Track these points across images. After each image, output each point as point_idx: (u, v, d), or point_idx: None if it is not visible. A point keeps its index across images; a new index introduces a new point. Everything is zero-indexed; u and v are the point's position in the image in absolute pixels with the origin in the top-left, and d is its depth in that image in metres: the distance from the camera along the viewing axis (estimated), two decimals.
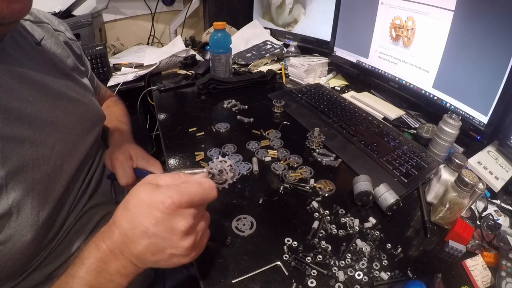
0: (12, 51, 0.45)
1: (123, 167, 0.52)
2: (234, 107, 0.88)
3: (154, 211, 0.32)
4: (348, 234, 0.49)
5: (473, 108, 0.67)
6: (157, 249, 0.33)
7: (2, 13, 0.36)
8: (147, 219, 0.32)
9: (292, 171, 0.62)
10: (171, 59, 1.14)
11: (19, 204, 0.39)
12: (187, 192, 0.33)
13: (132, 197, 0.34)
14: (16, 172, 0.40)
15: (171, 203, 0.31)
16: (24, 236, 0.39)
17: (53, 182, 0.45)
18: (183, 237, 0.33)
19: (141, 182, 0.35)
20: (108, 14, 1.38)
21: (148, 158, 0.56)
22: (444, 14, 0.69)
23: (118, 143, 0.60)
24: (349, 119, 0.80)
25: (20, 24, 0.49)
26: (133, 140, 0.65)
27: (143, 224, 0.32)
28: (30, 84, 0.45)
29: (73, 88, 0.55)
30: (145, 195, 0.33)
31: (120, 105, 0.81)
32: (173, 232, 0.32)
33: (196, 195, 0.33)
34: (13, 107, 0.41)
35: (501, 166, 0.64)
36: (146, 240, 0.32)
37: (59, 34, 0.58)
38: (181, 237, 0.33)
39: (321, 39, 1.18)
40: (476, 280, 0.43)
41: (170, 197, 0.31)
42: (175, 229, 0.32)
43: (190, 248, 0.34)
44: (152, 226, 0.31)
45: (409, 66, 0.82)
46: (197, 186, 0.34)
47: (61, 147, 0.47)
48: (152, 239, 0.32)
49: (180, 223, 0.32)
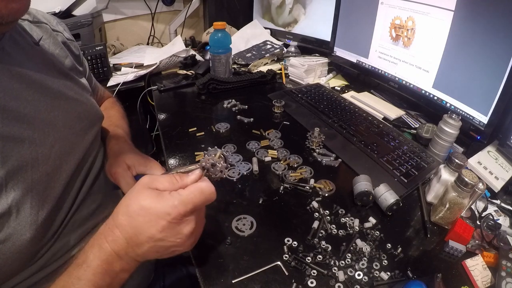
0: (11, 51, 0.45)
1: (124, 179, 0.54)
2: (234, 107, 0.88)
3: (160, 221, 0.34)
4: (348, 234, 0.49)
5: (473, 108, 0.67)
6: (162, 248, 0.36)
7: (1, 12, 0.36)
8: (154, 228, 0.34)
9: (292, 171, 0.62)
10: (171, 59, 1.14)
11: (18, 204, 0.39)
12: (191, 201, 0.35)
13: (134, 203, 0.35)
14: (16, 171, 0.40)
15: (177, 214, 0.34)
16: (23, 235, 0.39)
17: (52, 182, 0.45)
18: (187, 238, 0.36)
19: (140, 186, 0.37)
20: (108, 14, 1.38)
21: (145, 162, 0.56)
22: (444, 14, 0.69)
23: (115, 153, 0.60)
24: (349, 119, 0.80)
25: (18, 24, 0.49)
26: (130, 144, 0.64)
27: (150, 232, 0.34)
28: (29, 84, 0.45)
29: (71, 87, 0.55)
30: (149, 203, 0.35)
31: (117, 108, 0.80)
32: (178, 236, 0.36)
33: (199, 203, 0.36)
34: (12, 107, 0.41)
35: (501, 166, 0.64)
36: (152, 243, 0.35)
37: (57, 34, 0.58)
38: (185, 239, 0.36)
39: (321, 39, 1.18)
40: (476, 280, 0.43)
41: (176, 208, 0.34)
42: (180, 234, 0.36)
43: (191, 245, 0.38)
44: (158, 233, 0.34)
45: (409, 66, 0.82)
46: (200, 194, 0.36)
47: (60, 146, 0.47)
48: (158, 242, 0.35)
49: (185, 229, 0.36)
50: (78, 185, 0.52)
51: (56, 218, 0.47)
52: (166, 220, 0.34)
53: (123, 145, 0.64)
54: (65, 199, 0.49)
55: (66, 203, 0.49)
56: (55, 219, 0.47)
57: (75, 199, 0.51)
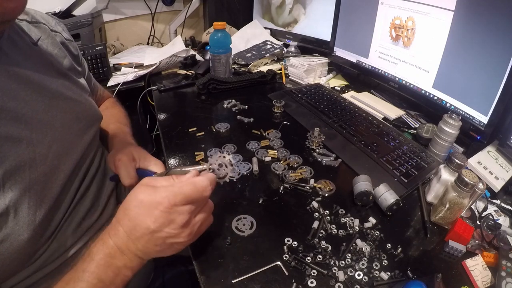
0: (9, 51, 0.45)
1: (126, 168, 0.53)
2: (234, 107, 0.88)
3: (153, 211, 0.36)
4: (348, 234, 0.49)
5: (473, 108, 0.67)
6: (159, 240, 0.37)
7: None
8: (148, 218, 0.36)
9: (292, 171, 0.62)
10: (171, 59, 1.14)
11: (16, 204, 0.39)
12: (181, 192, 0.37)
13: (132, 198, 0.38)
14: (13, 171, 0.40)
15: (167, 203, 0.36)
16: (21, 236, 0.39)
17: (50, 182, 0.45)
18: (181, 229, 0.37)
19: (140, 184, 0.39)
20: (108, 14, 1.38)
21: (150, 158, 0.57)
22: (444, 14, 0.69)
23: (122, 145, 0.61)
24: (349, 119, 0.80)
25: (17, 24, 0.49)
26: (134, 142, 0.65)
27: (145, 222, 0.36)
28: (27, 84, 0.45)
29: (70, 87, 0.54)
30: (144, 197, 0.37)
31: (119, 107, 0.81)
32: (172, 226, 0.37)
33: (190, 193, 0.37)
34: (10, 107, 0.41)
35: (501, 166, 0.64)
36: (149, 235, 0.36)
37: (55, 35, 0.58)
38: (179, 229, 0.37)
39: (321, 39, 1.18)
40: (476, 280, 0.43)
41: (166, 198, 0.36)
42: (173, 224, 0.37)
43: (188, 236, 0.39)
44: (152, 223, 0.36)
45: (409, 66, 0.82)
46: (191, 185, 0.38)
47: (58, 146, 0.47)
48: (154, 234, 0.36)
49: (178, 218, 0.37)
50: (76, 185, 0.52)
51: (53, 218, 0.47)
52: (158, 209, 0.36)
53: (130, 140, 0.66)
54: (63, 199, 0.49)
55: (64, 203, 0.49)
56: (53, 219, 0.47)
57: (73, 199, 0.51)
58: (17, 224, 0.39)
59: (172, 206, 0.36)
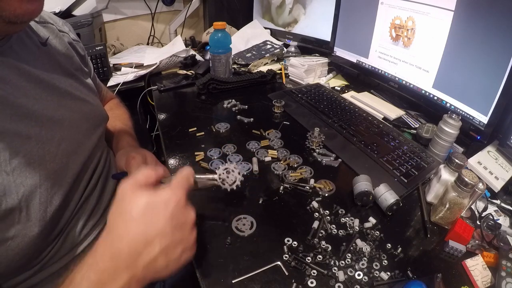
0: (19, 50, 0.45)
1: (139, 166, 0.54)
2: (234, 107, 0.88)
3: (164, 211, 0.34)
4: (348, 234, 0.49)
5: (473, 108, 0.67)
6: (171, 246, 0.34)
7: (16, 12, 0.36)
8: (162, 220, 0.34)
9: (292, 171, 0.62)
10: (171, 59, 1.14)
11: (28, 199, 0.40)
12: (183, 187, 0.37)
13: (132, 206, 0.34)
14: (24, 167, 0.40)
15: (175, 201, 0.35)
16: (32, 232, 0.40)
17: (59, 179, 0.46)
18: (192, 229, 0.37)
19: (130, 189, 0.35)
20: (108, 14, 1.38)
21: (160, 165, 0.58)
22: (444, 14, 0.69)
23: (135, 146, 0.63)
24: (349, 119, 0.80)
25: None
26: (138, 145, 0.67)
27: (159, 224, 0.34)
28: (37, 83, 0.46)
29: (78, 88, 0.55)
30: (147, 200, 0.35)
31: (123, 108, 0.82)
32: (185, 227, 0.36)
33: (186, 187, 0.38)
34: (21, 103, 0.42)
35: (501, 166, 0.64)
36: (162, 239, 0.34)
37: (63, 35, 0.58)
38: (190, 230, 0.36)
39: (321, 39, 1.18)
40: (476, 280, 0.43)
41: (175, 195, 0.35)
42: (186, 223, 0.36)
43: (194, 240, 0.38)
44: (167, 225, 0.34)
45: (409, 66, 0.81)
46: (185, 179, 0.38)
47: (67, 145, 0.48)
48: (167, 236, 0.34)
49: (189, 215, 0.36)
50: (84, 184, 0.53)
51: (63, 215, 0.47)
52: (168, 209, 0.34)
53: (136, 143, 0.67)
54: (72, 197, 0.50)
55: (72, 201, 0.50)
56: (62, 216, 0.47)
57: (80, 198, 0.52)
58: (29, 220, 0.40)
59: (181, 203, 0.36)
